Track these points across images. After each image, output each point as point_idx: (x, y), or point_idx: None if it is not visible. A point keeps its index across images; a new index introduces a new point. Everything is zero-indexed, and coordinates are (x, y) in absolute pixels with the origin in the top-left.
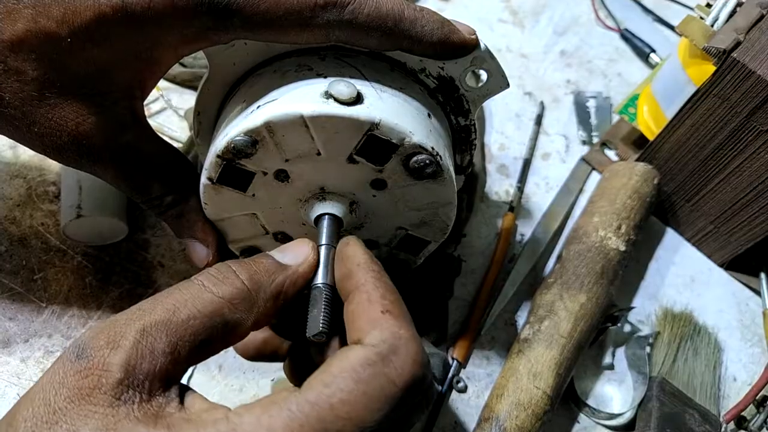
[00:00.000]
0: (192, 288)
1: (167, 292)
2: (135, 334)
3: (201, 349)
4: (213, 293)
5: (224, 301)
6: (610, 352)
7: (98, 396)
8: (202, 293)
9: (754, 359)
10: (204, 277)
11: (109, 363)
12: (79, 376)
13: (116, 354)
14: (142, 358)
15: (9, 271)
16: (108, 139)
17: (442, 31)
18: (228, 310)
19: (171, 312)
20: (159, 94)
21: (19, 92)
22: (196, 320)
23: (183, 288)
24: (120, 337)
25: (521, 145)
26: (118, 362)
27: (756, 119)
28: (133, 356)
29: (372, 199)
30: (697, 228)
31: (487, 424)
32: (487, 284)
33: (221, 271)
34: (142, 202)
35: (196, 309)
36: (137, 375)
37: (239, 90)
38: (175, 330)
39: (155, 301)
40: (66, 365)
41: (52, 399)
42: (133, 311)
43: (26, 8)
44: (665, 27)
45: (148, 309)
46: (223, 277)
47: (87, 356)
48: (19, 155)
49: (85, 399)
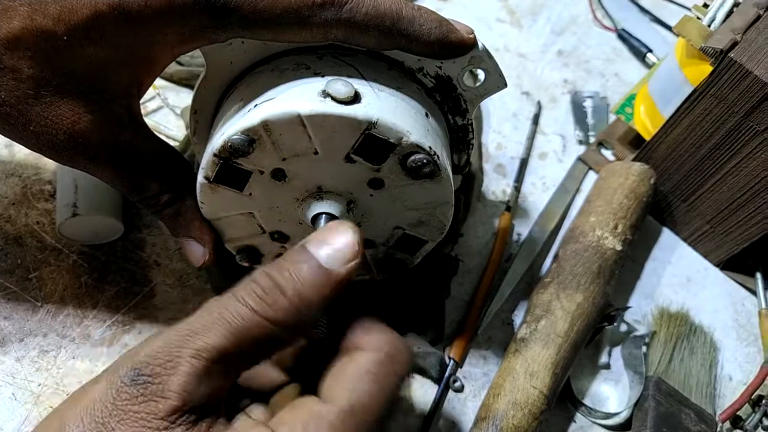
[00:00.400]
0: (242, 311)
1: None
2: (190, 360)
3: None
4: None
5: (275, 326)
6: (607, 352)
7: (153, 421)
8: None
9: (750, 359)
10: (251, 299)
11: (167, 391)
12: (135, 401)
13: (173, 380)
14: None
15: (4, 270)
16: (104, 137)
17: (440, 30)
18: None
19: (224, 338)
20: (155, 93)
21: (15, 90)
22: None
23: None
24: (176, 363)
25: (518, 144)
26: (175, 389)
27: (753, 119)
28: (190, 383)
29: (369, 198)
30: (693, 228)
31: (484, 423)
32: (484, 284)
33: (267, 290)
34: (138, 200)
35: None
36: (193, 401)
37: (236, 89)
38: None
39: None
40: (120, 387)
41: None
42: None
43: (22, 6)
44: (662, 27)
45: (199, 331)
46: (271, 301)
47: (144, 382)
48: (14, 154)
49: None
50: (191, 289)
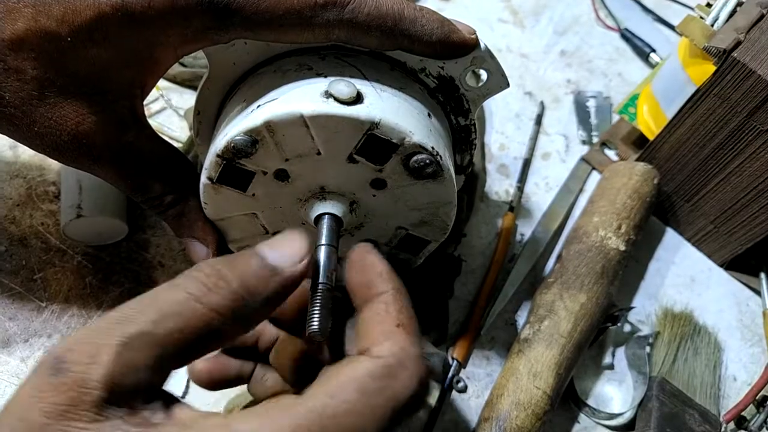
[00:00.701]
0: (178, 296)
1: (150, 297)
2: (116, 348)
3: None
4: (202, 304)
5: (214, 313)
6: (610, 352)
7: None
8: (190, 303)
9: (754, 359)
10: (191, 284)
11: (89, 380)
12: (57, 391)
13: (96, 369)
14: (124, 374)
15: (9, 270)
16: (108, 138)
17: (442, 30)
18: (217, 321)
19: (155, 323)
20: (159, 94)
21: (19, 91)
22: (183, 333)
23: (168, 295)
24: (99, 350)
25: (521, 144)
26: (98, 378)
27: (756, 119)
28: (115, 372)
29: (372, 198)
30: (697, 228)
31: (487, 423)
32: (487, 284)
33: (210, 277)
34: (142, 201)
35: (182, 321)
36: (120, 390)
37: (239, 89)
38: (159, 342)
39: (137, 309)
40: (42, 379)
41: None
42: (112, 319)
43: (26, 7)
44: (665, 27)
45: (129, 317)
46: (212, 285)
47: (65, 370)
48: (19, 155)
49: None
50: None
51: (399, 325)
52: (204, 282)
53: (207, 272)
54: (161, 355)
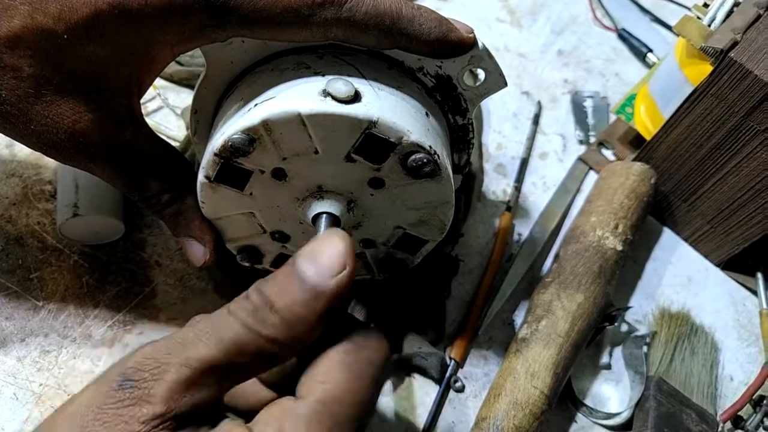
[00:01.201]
0: (234, 326)
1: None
2: (178, 368)
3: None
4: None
5: (267, 341)
6: (608, 352)
7: (135, 425)
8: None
9: (751, 359)
10: (244, 314)
11: (152, 396)
12: (120, 404)
13: (159, 386)
14: (183, 393)
15: (5, 270)
16: (105, 136)
17: (440, 29)
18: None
19: (215, 349)
20: (156, 93)
21: (16, 89)
22: (239, 358)
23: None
24: (163, 370)
25: (519, 144)
26: (160, 395)
27: (753, 119)
28: (175, 390)
29: (370, 197)
30: (694, 228)
31: (485, 423)
32: (485, 284)
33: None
34: (138, 200)
35: (239, 349)
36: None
37: (236, 88)
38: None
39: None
40: (107, 391)
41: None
42: (175, 342)
43: (23, 4)
44: (662, 27)
45: (190, 342)
46: (263, 317)
47: (131, 387)
48: (15, 154)
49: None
50: (192, 289)
51: None
52: (254, 313)
53: (255, 301)
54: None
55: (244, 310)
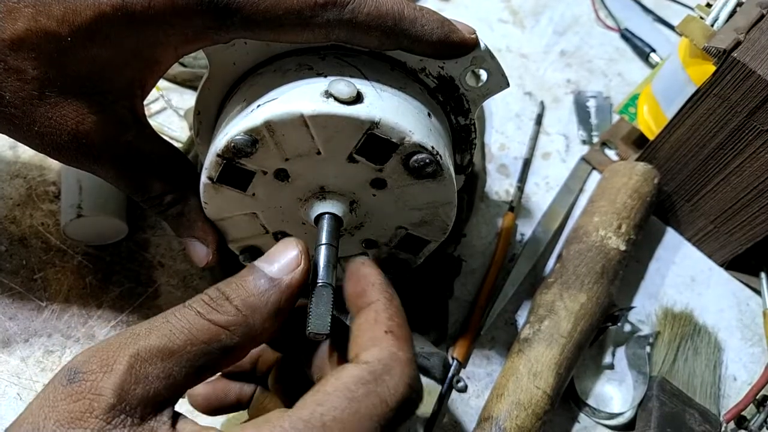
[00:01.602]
0: (187, 314)
1: (162, 318)
2: (129, 359)
3: (198, 374)
4: (208, 321)
5: (220, 329)
6: (611, 352)
7: (89, 420)
8: (198, 321)
9: (755, 359)
10: (197, 304)
11: (101, 387)
12: (70, 399)
13: (109, 378)
14: (135, 383)
15: (9, 270)
16: (108, 138)
17: (442, 30)
18: (225, 336)
19: (166, 338)
20: (159, 94)
21: (20, 91)
22: (193, 347)
23: (178, 314)
24: (113, 361)
25: (521, 144)
26: (110, 386)
27: (756, 119)
28: (127, 381)
29: (372, 198)
30: (697, 227)
31: (487, 423)
32: (487, 284)
33: (214, 298)
34: (142, 201)
35: (192, 335)
36: (130, 400)
37: (239, 89)
38: (170, 356)
39: (150, 327)
40: (57, 389)
41: (42, 423)
42: (126, 335)
43: (27, 7)
44: (665, 27)
45: (142, 334)
46: (216, 305)
47: (79, 380)
48: (19, 155)
49: (75, 423)
50: (195, 289)
51: (388, 332)
52: (208, 302)
53: (211, 294)
54: (172, 367)
55: (199, 302)
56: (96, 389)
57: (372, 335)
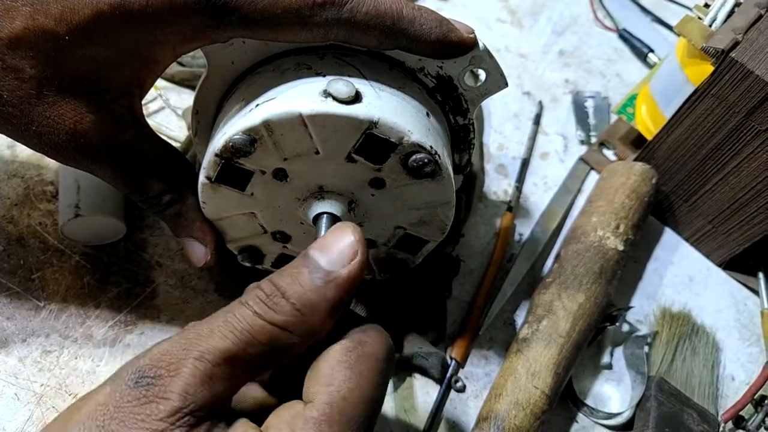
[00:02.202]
0: (246, 315)
1: (222, 317)
2: (193, 362)
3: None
4: (267, 322)
5: (279, 330)
6: (609, 352)
7: (153, 423)
8: (257, 321)
9: (752, 359)
10: (255, 303)
11: (168, 392)
12: (137, 402)
13: (175, 382)
14: (200, 386)
15: (6, 270)
16: (106, 137)
17: (441, 29)
18: (284, 337)
19: (228, 340)
20: (157, 94)
21: (17, 90)
22: (253, 348)
23: (237, 314)
24: (179, 365)
25: (520, 144)
26: (176, 390)
27: (754, 119)
28: (191, 384)
29: (371, 198)
30: (695, 228)
31: (486, 423)
32: (486, 284)
33: (269, 294)
34: (140, 200)
35: (251, 337)
36: (194, 402)
37: (238, 89)
38: (232, 358)
39: (211, 327)
40: (123, 390)
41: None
42: (190, 336)
43: (24, 6)
44: (663, 27)
45: (204, 335)
46: (273, 303)
47: (147, 384)
48: (17, 154)
49: (140, 425)
50: (193, 289)
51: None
52: (265, 300)
53: (267, 290)
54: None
55: (256, 300)
56: (163, 393)
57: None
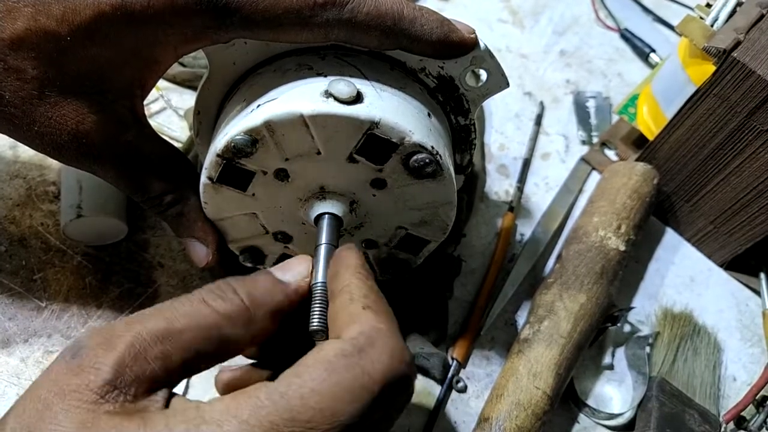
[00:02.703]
0: (192, 301)
1: (168, 303)
2: (130, 338)
3: (196, 361)
4: (212, 308)
5: (222, 317)
6: (610, 352)
7: (85, 393)
8: (201, 307)
9: (754, 359)
10: (204, 292)
11: (100, 363)
12: (71, 373)
13: (109, 355)
14: (133, 361)
15: (9, 271)
16: (108, 137)
17: (442, 30)
18: (226, 326)
19: (168, 321)
20: (159, 94)
21: (19, 91)
22: (192, 332)
23: (183, 300)
24: (115, 339)
25: (521, 145)
26: (109, 363)
27: (756, 119)
28: (125, 358)
29: (372, 198)
30: (696, 228)
31: (487, 424)
32: (487, 284)
33: (221, 287)
34: (141, 201)
35: (193, 321)
36: (126, 377)
37: (239, 89)
38: (169, 338)
39: (155, 310)
40: (60, 363)
41: (44, 394)
42: (132, 317)
43: (26, 6)
44: (665, 27)
45: (147, 316)
46: (222, 294)
47: (81, 355)
48: (19, 155)
49: (72, 395)
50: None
51: (365, 308)
52: (215, 291)
53: (219, 284)
54: (170, 349)
55: (207, 290)
56: (95, 364)
57: (350, 312)
